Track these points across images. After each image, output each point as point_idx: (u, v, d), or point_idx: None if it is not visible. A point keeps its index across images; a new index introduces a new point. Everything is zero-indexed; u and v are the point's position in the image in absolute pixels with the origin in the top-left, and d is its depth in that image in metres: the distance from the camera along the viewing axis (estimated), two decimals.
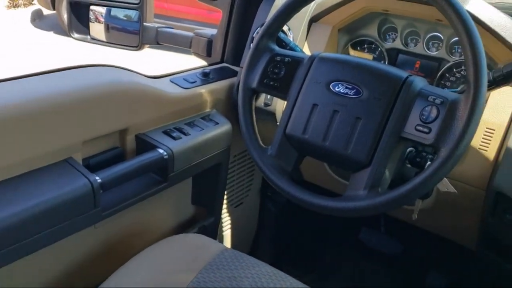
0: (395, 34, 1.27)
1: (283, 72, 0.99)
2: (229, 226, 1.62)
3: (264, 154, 0.97)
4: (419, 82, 0.86)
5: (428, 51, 1.22)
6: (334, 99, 0.90)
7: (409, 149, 0.95)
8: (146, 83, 1.13)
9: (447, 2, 0.79)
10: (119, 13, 1.58)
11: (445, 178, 0.98)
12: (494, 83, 0.88)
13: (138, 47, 1.52)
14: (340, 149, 0.88)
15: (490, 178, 1.03)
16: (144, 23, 1.47)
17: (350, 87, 0.90)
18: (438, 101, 0.81)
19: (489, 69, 0.88)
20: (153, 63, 4.91)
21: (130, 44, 1.53)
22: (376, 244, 1.77)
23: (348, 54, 1.34)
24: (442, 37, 1.20)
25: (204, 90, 1.29)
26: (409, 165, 0.95)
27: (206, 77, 1.34)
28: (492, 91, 0.95)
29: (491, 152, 1.03)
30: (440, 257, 1.70)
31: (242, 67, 1.19)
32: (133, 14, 1.55)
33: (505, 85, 0.89)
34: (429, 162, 0.89)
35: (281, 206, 1.77)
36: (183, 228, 1.39)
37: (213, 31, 1.50)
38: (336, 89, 0.91)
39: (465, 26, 0.77)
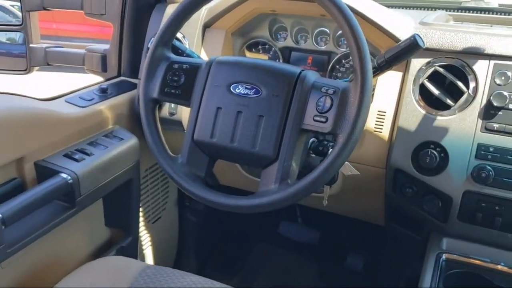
0: (285, 33, 1.33)
1: (183, 79, 0.99)
2: (149, 242, 1.58)
3: (175, 164, 0.96)
4: (312, 76, 0.91)
5: (318, 46, 1.29)
6: (236, 100, 0.92)
7: (311, 139, 1.00)
8: (38, 107, 1.07)
9: None
10: (1, 36, 1.48)
11: (347, 162, 1.05)
12: (379, 69, 0.95)
13: (27, 70, 1.43)
14: (248, 148, 0.90)
15: (388, 157, 1.11)
16: (30, 45, 1.39)
17: (249, 87, 0.92)
18: (330, 91, 0.86)
19: (373, 57, 0.95)
20: (47, 85, 4.62)
21: (17, 68, 1.44)
22: (295, 235, 1.83)
23: (245, 56, 1.37)
24: (328, 31, 1.27)
25: (103, 107, 1.25)
26: (313, 155, 1.00)
27: (104, 93, 1.29)
28: (378, 77, 1.03)
29: (385, 133, 1.11)
30: (356, 237, 1.80)
31: (140, 79, 1.16)
32: (17, 36, 1.46)
33: (389, 70, 0.96)
34: (331, 150, 0.94)
35: (200, 214, 1.76)
36: (100, 252, 1.33)
37: (106, 46, 1.45)
38: (237, 91, 0.93)
39: (345, 18, 0.83)
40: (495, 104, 0.99)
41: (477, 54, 1.04)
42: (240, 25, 1.31)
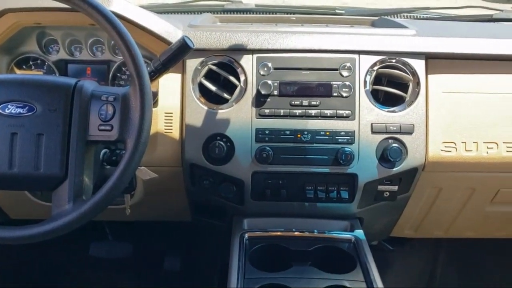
0: (57, 46, 1.26)
1: None
2: None
3: None
4: (90, 85, 0.89)
5: (94, 56, 1.26)
6: (7, 121, 0.84)
7: (104, 150, 0.98)
8: None
9: (91, 6, 0.83)
10: None
11: (144, 167, 1.06)
12: (157, 72, 0.98)
13: None
14: (32, 171, 0.84)
15: (181, 154, 1.16)
16: None
17: (21, 105, 0.85)
18: (111, 98, 0.86)
19: (150, 61, 0.98)
20: None
21: None
22: (108, 253, 1.76)
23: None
24: (102, 40, 1.25)
25: None
26: (108, 166, 0.98)
27: None
28: (159, 79, 1.05)
29: (175, 133, 1.16)
30: (170, 240, 1.83)
31: None
32: None
33: (166, 72, 1.00)
34: None
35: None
36: None
37: None
38: (7, 111, 0.85)
39: (113, 25, 0.83)
40: (263, 92, 1.12)
41: (241, 50, 1.16)
42: (3, 41, 1.19)
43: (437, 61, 1.17)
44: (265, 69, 1.14)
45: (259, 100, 1.14)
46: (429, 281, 1.86)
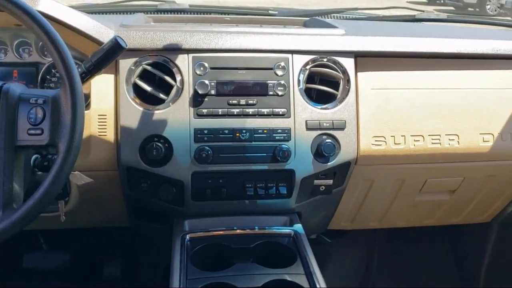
0: None
1: None
2: None
3: None
4: (17, 88, 0.85)
5: (21, 58, 1.21)
6: None
7: (34, 156, 0.94)
8: None
9: (15, 5, 0.80)
10: None
11: (78, 172, 1.03)
12: (89, 73, 0.95)
13: None
14: None
15: (118, 157, 1.13)
16: None
17: None
18: (40, 101, 0.83)
19: (81, 62, 0.95)
20: None
21: None
22: (43, 264, 1.68)
23: None
24: (29, 41, 1.20)
25: None
26: (40, 172, 0.94)
27: None
28: (91, 80, 1.02)
29: (110, 136, 1.13)
30: (109, 246, 1.78)
31: None
32: None
33: (99, 73, 0.97)
34: None
35: None
36: None
37: None
38: None
39: (40, 25, 0.80)
40: (200, 92, 1.12)
41: (176, 49, 1.15)
42: None
43: (366, 59, 1.23)
44: (202, 68, 1.14)
45: (197, 100, 1.14)
46: (366, 270, 1.94)
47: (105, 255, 1.79)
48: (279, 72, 1.17)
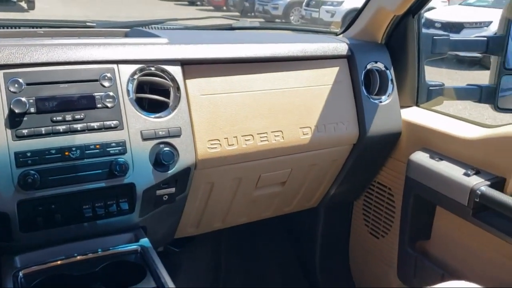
0: None
1: None
2: None
3: None
4: None
5: None
6: None
7: None
8: None
9: None
10: None
11: None
12: None
13: None
14: None
15: None
16: None
17: None
18: None
19: None
20: None
21: None
22: None
23: None
24: None
25: None
26: None
27: None
28: None
29: None
30: None
31: None
32: None
33: None
34: None
35: None
36: None
37: None
38: None
39: None
40: (17, 111, 1.02)
41: None
42: None
43: (192, 67, 1.26)
44: (16, 85, 1.03)
45: (14, 120, 1.03)
46: (215, 272, 1.99)
47: None
48: (106, 84, 1.12)
